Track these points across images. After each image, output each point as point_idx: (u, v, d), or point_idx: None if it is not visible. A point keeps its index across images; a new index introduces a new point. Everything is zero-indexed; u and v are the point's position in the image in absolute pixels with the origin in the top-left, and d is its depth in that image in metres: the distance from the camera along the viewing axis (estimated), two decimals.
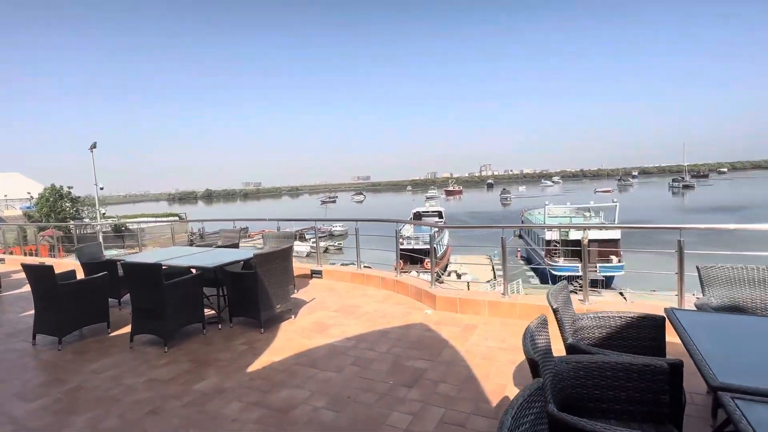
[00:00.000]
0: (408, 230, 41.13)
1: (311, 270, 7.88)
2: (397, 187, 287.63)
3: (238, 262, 5.43)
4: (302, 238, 57.27)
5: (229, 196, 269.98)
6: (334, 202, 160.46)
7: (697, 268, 3.29)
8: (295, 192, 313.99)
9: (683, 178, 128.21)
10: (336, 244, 53.63)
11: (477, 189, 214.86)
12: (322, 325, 5.28)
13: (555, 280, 30.92)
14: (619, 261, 30.03)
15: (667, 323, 2.77)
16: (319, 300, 6.42)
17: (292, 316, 5.60)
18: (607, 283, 29.84)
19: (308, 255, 48.50)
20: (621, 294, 27.96)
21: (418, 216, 45.38)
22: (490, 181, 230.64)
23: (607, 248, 30.70)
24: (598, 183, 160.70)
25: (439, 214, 45.35)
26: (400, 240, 26.72)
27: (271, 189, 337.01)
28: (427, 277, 6.36)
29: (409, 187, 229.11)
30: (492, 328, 4.89)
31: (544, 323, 2.35)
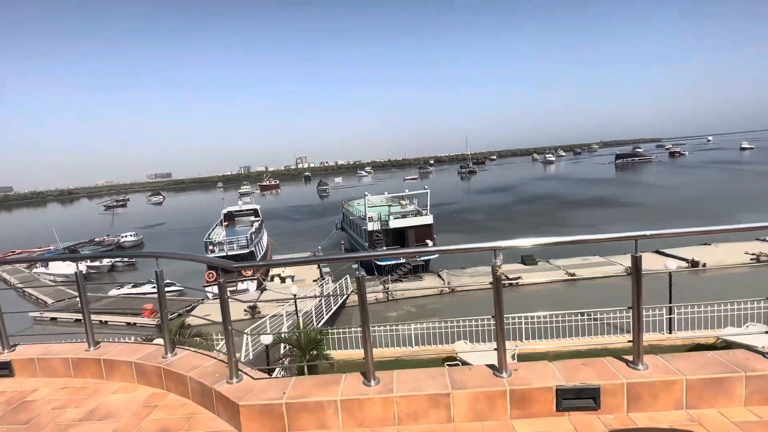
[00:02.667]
0: (219, 234, 35.80)
1: None
2: (205, 184, 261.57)
3: None
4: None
5: None
6: (124, 206, 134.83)
7: None
8: (67, 196, 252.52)
9: (468, 165, 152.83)
10: (126, 259, 43.54)
11: (294, 182, 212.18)
12: None
13: (381, 270, 31.12)
14: (434, 244, 32.14)
15: None
16: None
17: None
18: (425, 266, 31.60)
19: (86, 278, 37.83)
20: (439, 276, 29.78)
21: (229, 217, 40.21)
22: (307, 173, 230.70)
23: (423, 233, 32.53)
24: (404, 172, 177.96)
25: (255, 213, 41.14)
26: (210, 247, 22.26)
27: (30, 195, 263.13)
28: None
29: (219, 184, 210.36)
30: None
31: None
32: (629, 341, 2.92)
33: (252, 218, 40.43)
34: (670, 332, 14.10)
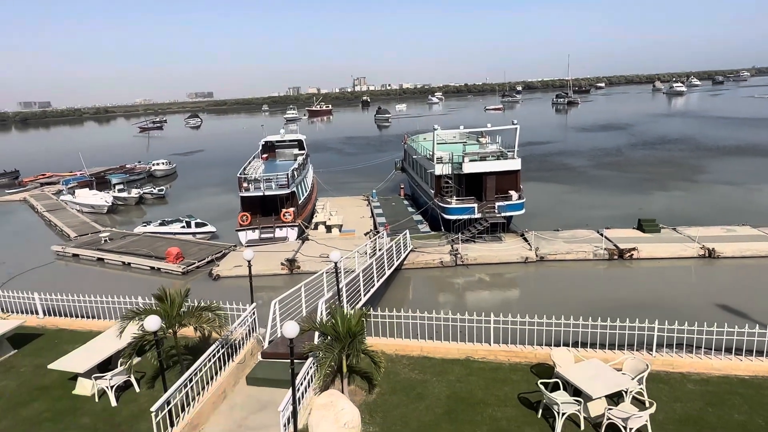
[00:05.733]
0: (257, 169, 35.31)
1: None
2: (249, 106, 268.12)
3: None
4: (103, 183, 46.87)
5: None
6: (160, 128, 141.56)
7: None
8: (104, 115, 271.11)
9: (567, 93, 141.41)
10: (156, 190, 45.04)
11: (350, 107, 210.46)
12: None
13: (448, 225, 29.07)
14: (520, 197, 29.24)
15: None
16: None
17: None
18: (506, 224, 29.05)
19: (112, 210, 39.64)
20: (524, 238, 27.30)
21: (269, 148, 39.48)
22: (365, 97, 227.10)
23: (506, 182, 29.61)
24: (484, 100, 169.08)
25: (300, 144, 40.08)
26: (245, 185, 21.36)
27: (67, 111, 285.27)
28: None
29: (265, 107, 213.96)
30: None
31: None
32: None
33: (296, 151, 39.49)
34: None
